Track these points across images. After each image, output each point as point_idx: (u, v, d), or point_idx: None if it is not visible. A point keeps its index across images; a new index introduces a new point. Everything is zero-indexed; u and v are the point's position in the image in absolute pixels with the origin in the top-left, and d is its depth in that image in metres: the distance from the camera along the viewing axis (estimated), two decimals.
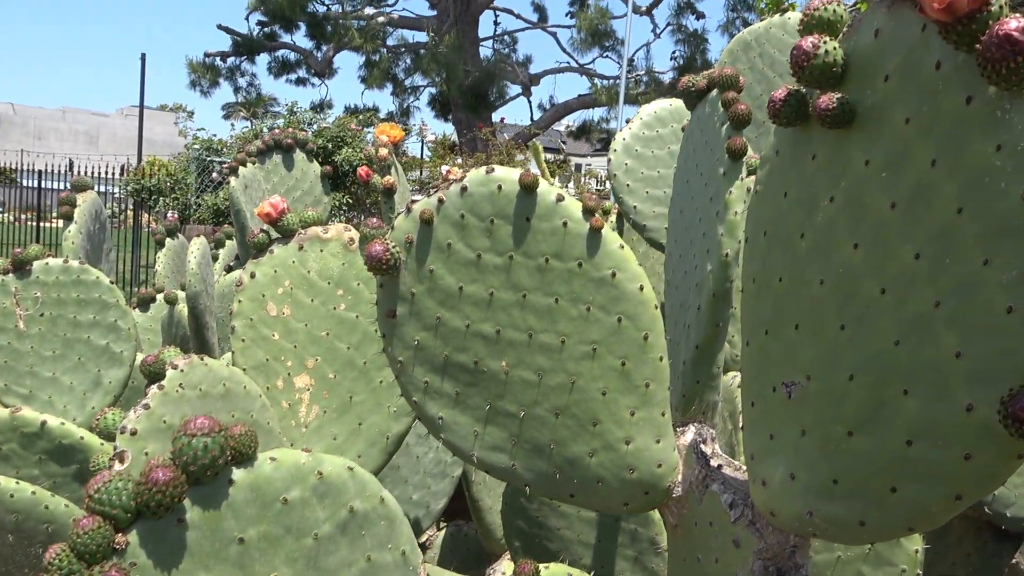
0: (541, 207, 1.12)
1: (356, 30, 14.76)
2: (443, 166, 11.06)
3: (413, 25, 17.68)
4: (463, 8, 16.48)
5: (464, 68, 15.03)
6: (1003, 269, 0.68)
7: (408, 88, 17.06)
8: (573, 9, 17.11)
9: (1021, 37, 0.62)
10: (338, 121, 10.45)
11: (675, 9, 15.74)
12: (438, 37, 15.17)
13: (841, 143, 0.86)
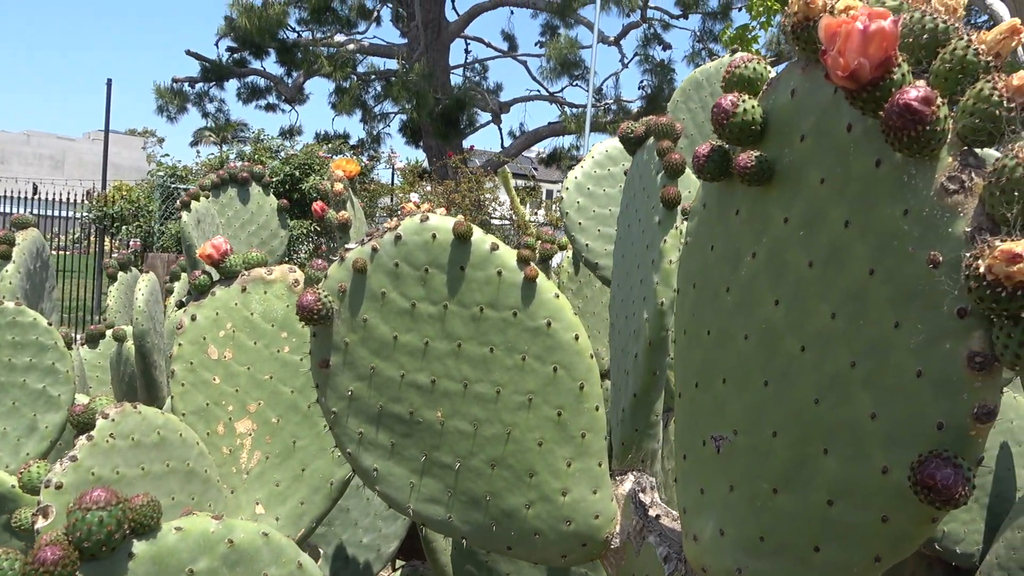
0: (475, 256, 1.11)
1: (326, 57, 14.77)
2: (412, 193, 11.04)
3: (384, 53, 17.75)
4: (434, 36, 16.60)
5: (435, 95, 15.10)
6: (912, 333, 0.69)
7: (378, 115, 17.08)
8: (543, 39, 17.33)
9: (920, 107, 0.62)
10: (306, 148, 10.39)
11: (642, 40, 16.04)
12: (409, 65, 15.24)
13: (762, 199, 0.86)
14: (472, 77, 18.90)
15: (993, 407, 0.64)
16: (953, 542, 1.94)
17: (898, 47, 0.70)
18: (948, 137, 0.66)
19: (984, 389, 0.64)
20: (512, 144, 17.72)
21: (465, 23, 17.69)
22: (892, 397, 0.71)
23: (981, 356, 0.63)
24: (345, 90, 16.49)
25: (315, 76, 16.92)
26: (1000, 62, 0.65)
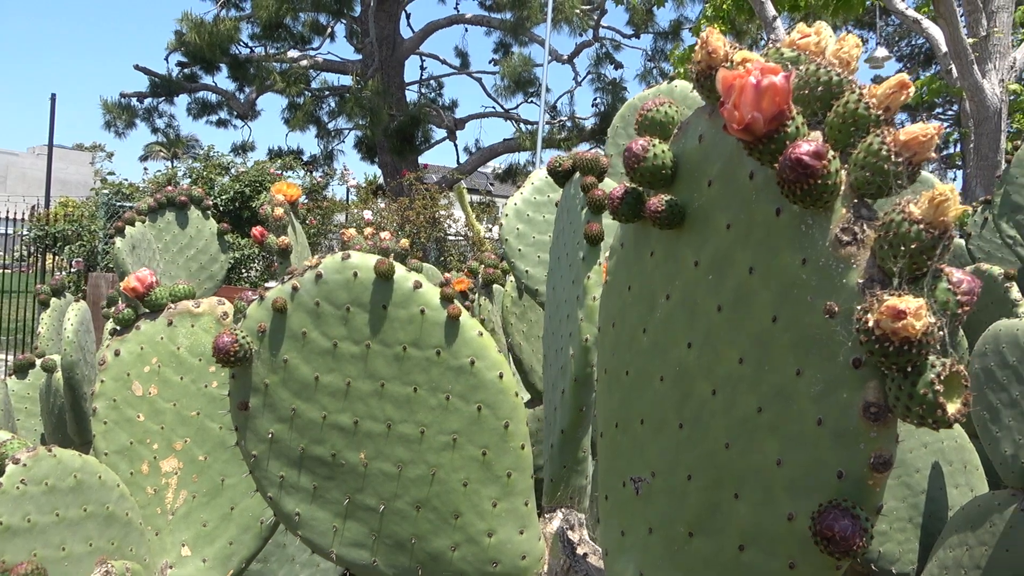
0: (398, 294, 1.09)
1: (279, 73, 14.61)
2: (365, 211, 10.94)
3: (338, 69, 17.65)
4: (388, 53, 16.56)
5: (389, 112, 15.05)
6: (812, 381, 0.69)
7: (332, 131, 16.94)
8: (497, 56, 17.44)
9: (811, 161, 0.63)
10: (257, 165, 10.23)
11: (595, 59, 16.25)
12: (363, 81, 15.17)
13: (675, 242, 0.86)
14: (427, 93, 18.91)
15: (889, 457, 0.64)
16: (889, 562, 1.97)
17: (794, 99, 0.71)
18: (842, 189, 0.67)
19: (880, 439, 0.64)
20: (468, 160, 17.74)
21: (420, 40, 17.70)
22: (796, 444, 0.71)
23: (876, 407, 0.64)
24: (299, 106, 16.33)
25: (268, 92, 16.72)
26: (890, 115, 0.66)
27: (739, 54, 0.70)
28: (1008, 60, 8.22)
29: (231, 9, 16.52)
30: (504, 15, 15.45)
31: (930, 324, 0.58)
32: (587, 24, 14.96)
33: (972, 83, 7.52)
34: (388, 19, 16.54)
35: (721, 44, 0.75)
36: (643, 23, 15.57)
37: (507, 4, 14.71)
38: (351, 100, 14.35)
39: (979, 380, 1.87)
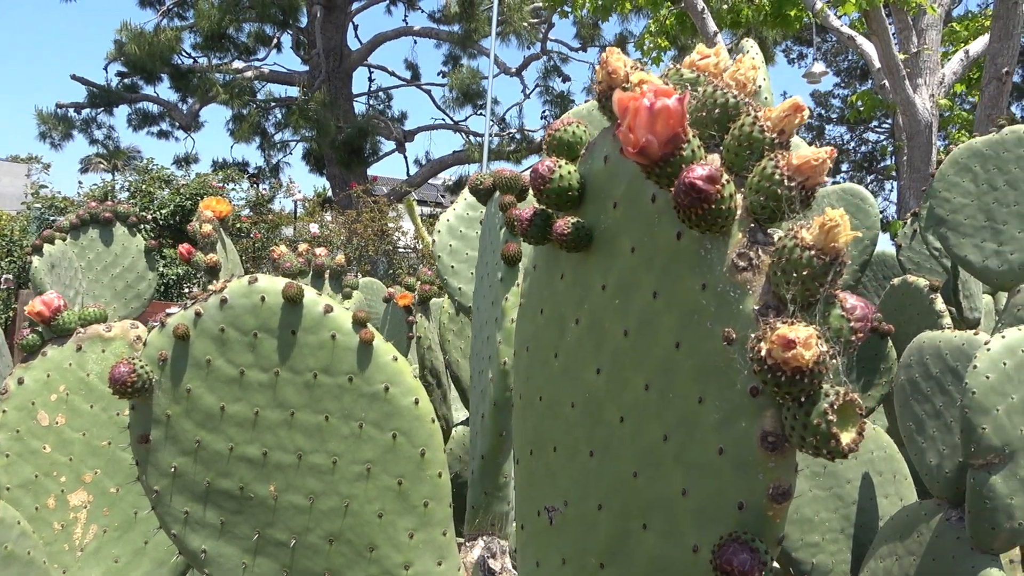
0: (308, 319, 1.05)
1: (221, 85, 14.31)
2: (311, 224, 10.77)
3: (284, 80, 17.39)
4: (336, 64, 16.39)
5: (337, 124, 14.87)
6: (713, 410, 0.67)
7: (278, 143, 16.66)
8: (446, 69, 17.42)
9: (705, 186, 0.62)
10: (199, 178, 9.98)
11: (543, 72, 16.37)
12: (309, 93, 14.98)
13: (583, 265, 0.84)
14: (376, 105, 18.76)
15: (788, 487, 0.63)
16: (822, 573, 1.99)
17: (692, 121, 0.70)
18: (738, 213, 0.66)
19: (778, 469, 0.63)
20: (418, 172, 17.64)
21: (368, 51, 17.57)
22: (699, 474, 0.69)
23: (773, 436, 0.62)
24: (243, 117, 16.02)
25: (212, 103, 16.38)
26: (785, 138, 0.65)
27: (636, 75, 0.69)
28: (937, 76, 8.54)
29: (173, 19, 16.17)
30: (453, 27, 15.46)
31: (821, 353, 0.57)
32: (535, 37, 15.07)
33: (904, 98, 7.79)
34: (335, 30, 16.38)
35: (621, 65, 0.74)
36: (590, 36, 15.75)
37: (455, 17, 14.71)
38: (297, 112, 14.14)
39: (905, 392, 1.91)
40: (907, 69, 8.02)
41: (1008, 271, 2.16)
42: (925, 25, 8.53)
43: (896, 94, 7.81)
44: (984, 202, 2.24)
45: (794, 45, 20.38)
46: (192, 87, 16.17)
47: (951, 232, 2.29)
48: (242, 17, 14.72)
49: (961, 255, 2.27)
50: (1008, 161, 2.21)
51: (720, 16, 9.39)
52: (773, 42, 15.80)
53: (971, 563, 1.65)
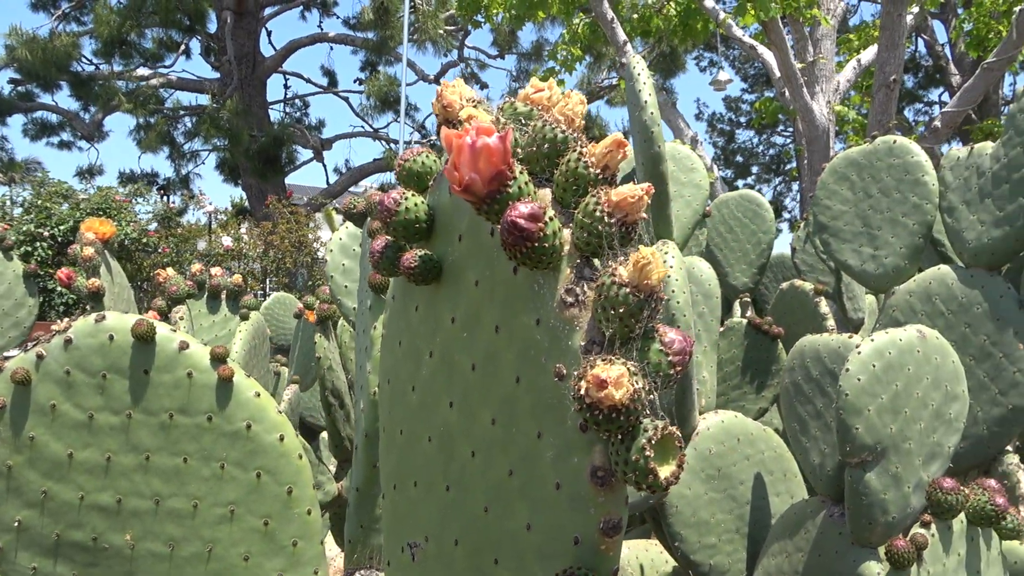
0: (161, 358, 1.00)
1: (124, 93, 13.71)
2: (224, 236, 10.44)
3: (194, 87, 16.81)
4: (248, 71, 15.96)
5: (250, 133, 14.46)
6: (550, 445, 0.67)
7: (188, 153, 16.08)
8: (364, 75, 17.21)
9: (527, 224, 0.62)
10: (100, 192, 9.52)
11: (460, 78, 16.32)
12: (220, 100, 14.52)
13: (435, 297, 0.83)
14: (293, 113, 18.36)
15: (618, 521, 0.63)
16: (719, 573, 2.04)
17: (525, 156, 0.70)
18: (567, 249, 0.66)
19: (608, 503, 0.63)
20: (338, 180, 17.34)
21: (283, 58, 17.18)
22: (541, 509, 0.69)
23: (602, 471, 0.63)
24: (150, 126, 15.40)
25: (115, 112, 15.67)
26: (609, 174, 0.66)
27: (465, 111, 0.68)
28: (833, 83, 8.97)
29: (69, 23, 15.40)
30: (368, 34, 15.28)
31: (635, 391, 0.57)
32: (451, 44, 15.06)
33: (802, 104, 8.14)
34: (247, 36, 15.94)
35: (457, 98, 0.73)
36: (507, 44, 15.85)
37: (371, 24, 14.55)
38: (207, 120, 13.68)
39: (789, 394, 1.98)
40: (804, 77, 8.39)
41: (883, 274, 2.27)
42: (820, 35, 8.94)
43: (795, 101, 8.15)
44: (861, 209, 2.36)
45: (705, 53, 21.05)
46: (94, 95, 15.45)
47: (832, 238, 2.40)
48: (145, 22, 14.14)
49: (841, 259, 2.37)
50: (880, 170, 2.33)
51: (631, 26, 9.60)
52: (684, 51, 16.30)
53: (852, 557, 1.72)
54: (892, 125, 8.28)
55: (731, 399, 2.58)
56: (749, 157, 22.47)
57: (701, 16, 9.43)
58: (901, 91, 21.63)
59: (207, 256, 10.43)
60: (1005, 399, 2.03)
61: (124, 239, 8.98)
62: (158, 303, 2.25)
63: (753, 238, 3.46)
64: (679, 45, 12.36)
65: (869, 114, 8.23)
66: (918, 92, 20.74)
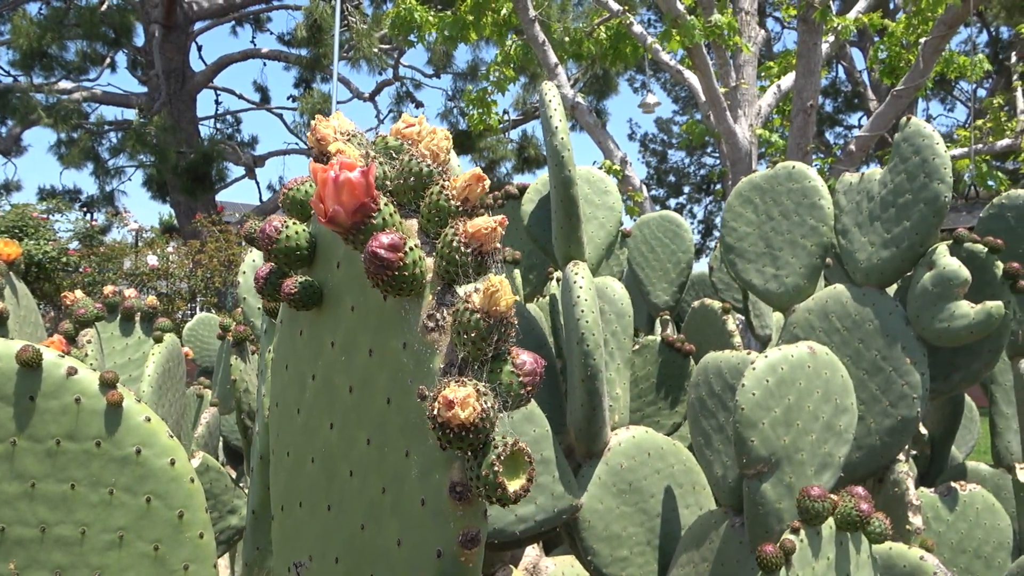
0: (48, 383, 1.00)
1: (44, 108, 13.22)
2: (150, 255, 10.13)
3: (120, 102, 16.32)
4: (178, 86, 15.60)
5: (179, 149, 14.12)
6: (416, 463, 0.71)
7: (113, 169, 15.57)
8: (298, 92, 17.03)
9: (387, 255, 0.65)
10: (16, 209, 9.14)
11: (395, 97, 16.38)
12: (147, 116, 14.14)
13: (316, 322, 0.86)
14: (224, 129, 18.01)
15: (476, 533, 0.67)
16: None
17: (395, 188, 0.74)
18: (429, 276, 0.70)
19: (467, 517, 0.67)
20: (271, 198, 17.05)
21: (213, 73, 16.86)
22: (409, 525, 0.73)
23: (460, 486, 0.66)
24: (73, 141, 14.86)
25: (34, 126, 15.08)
26: (469, 206, 0.71)
27: (334, 145, 0.72)
28: (755, 108, 9.34)
29: None
30: (302, 51, 15.15)
31: (482, 410, 0.61)
32: (386, 63, 15.06)
33: (726, 128, 8.45)
34: (176, 51, 15.60)
35: (330, 132, 0.77)
36: (442, 63, 15.95)
37: (304, 41, 14.44)
38: (133, 136, 13.29)
39: (694, 409, 2.07)
40: (728, 101, 8.71)
41: (784, 293, 2.40)
42: (743, 62, 9.31)
43: (719, 124, 8.46)
44: (763, 231, 2.48)
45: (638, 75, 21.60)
46: (11, 108, 14.82)
47: (738, 258, 2.51)
48: (67, 34, 13.68)
49: (746, 279, 2.49)
50: (781, 194, 2.46)
51: (563, 48, 9.80)
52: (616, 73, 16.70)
53: (751, 565, 1.80)
54: (810, 148, 8.68)
55: (646, 415, 2.66)
56: (681, 177, 23.09)
57: (631, 40, 9.71)
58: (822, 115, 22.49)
59: (132, 275, 10.10)
60: (895, 410, 2.16)
61: (42, 258, 8.63)
62: (65, 326, 2.19)
63: (673, 257, 3.58)
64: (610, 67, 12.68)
65: (788, 138, 8.61)
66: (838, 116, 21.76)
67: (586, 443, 2.13)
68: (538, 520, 1.96)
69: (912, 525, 2.05)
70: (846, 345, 2.26)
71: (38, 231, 8.91)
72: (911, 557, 1.73)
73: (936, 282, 2.10)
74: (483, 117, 9.67)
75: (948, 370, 2.34)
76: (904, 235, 2.18)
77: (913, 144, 2.19)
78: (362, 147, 0.76)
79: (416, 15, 8.62)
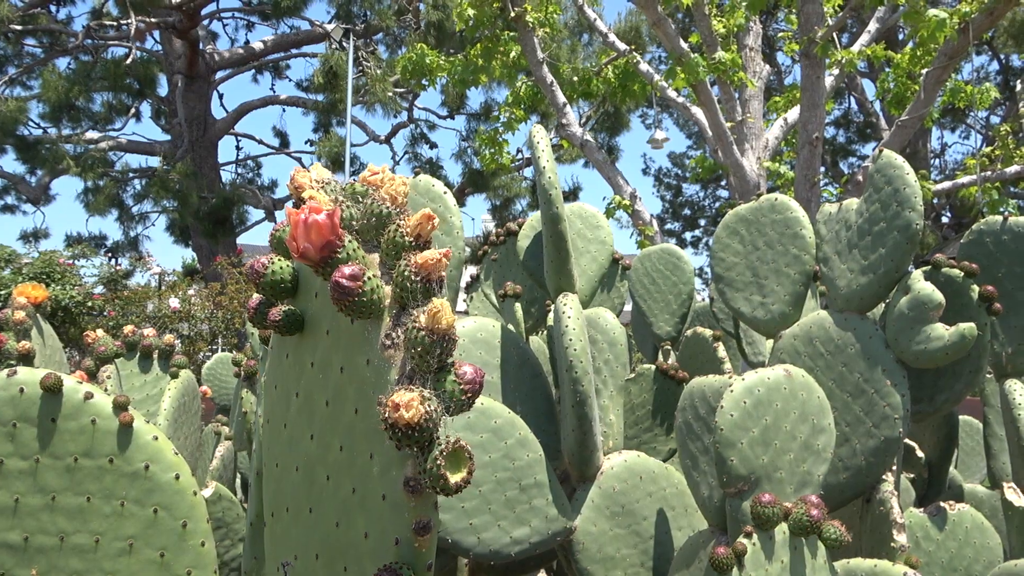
0: (67, 407, 1.12)
1: (72, 157, 13.70)
2: (172, 298, 10.37)
3: (144, 150, 16.85)
4: (199, 133, 16.08)
5: (200, 195, 14.51)
6: (378, 463, 0.82)
7: (137, 215, 16.02)
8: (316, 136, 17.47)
9: (348, 284, 0.77)
10: (44, 256, 9.46)
11: (410, 139, 16.77)
12: (170, 163, 14.58)
13: (299, 346, 0.98)
14: (244, 174, 18.48)
15: (428, 522, 0.78)
16: None
17: (360, 227, 0.86)
18: (387, 301, 0.82)
19: (419, 508, 0.78)
20: None
21: (234, 120, 17.37)
22: (373, 518, 0.83)
23: (413, 480, 0.77)
24: (99, 189, 15.32)
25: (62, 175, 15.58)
26: (422, 240, 0.83)
27: (307, 192, 0.85)
28: (762, 141, 9.49)
29: (16, 88, 15.40)
30: (319, 97, 15.60)
31: (425, 412, 0.73)
32: (399, 106, 15.45)
33: (733, 161, 8.58)
34: (198, 99, 16.12)
35: (307, 180, 0.90)
36: (456, 105, 16.33)
37: (321, 87, 14.88)
38: (157, 182, 13.70)
39: (682, 432, 2.15)
40: (735, 135, 8.87)
41: (771, 320, 2.49)
42: (748, 96, 9.49)
43: (726, 158, 8.59)
44: (750, 260, 2.58)
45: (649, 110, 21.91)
46: (40, 159, 15.35)
47: (727, 287, 2.61)
48: (94, 87, 14.22)
49: (735, 307, 2.58)
50: (765, 225, 2.57)
51: (572, 88, 10.03)
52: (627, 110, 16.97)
53: None
54: (817, 180, 8.77)
55: (643, 441, 2.73)
56: (696, 210, 23.24)
57: (638, 78, 9.93)
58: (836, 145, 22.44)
59: (154, 318, 10.35)
60: (878, 431, 2.23)
61: (68, 302, 8.89)
62: (86, 363, 2.34)
63: (674, 289, 3.67)
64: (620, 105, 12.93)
65: (796, 170, 8.72)
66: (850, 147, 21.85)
67: (579, 467, 2.22)
68: (532, 542, 2.04)
69: (897, 543, 2.10)
70: (830, 369, 2.34)
71: (64, 276, 9.18)
72: (895, 573, 1.80)
73: (912, 306, 2.19)
74: (495, 156, 9.89)
75: (932, 392, 2.41)
76: (880, 262, 2.27)
77: (885, 175, 2.29)
78: (333, 193, 0.89)
79: (427, 60, 8.91)
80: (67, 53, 15.28)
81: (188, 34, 14.65)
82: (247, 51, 17.09)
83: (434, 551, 0.80)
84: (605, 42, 10.07)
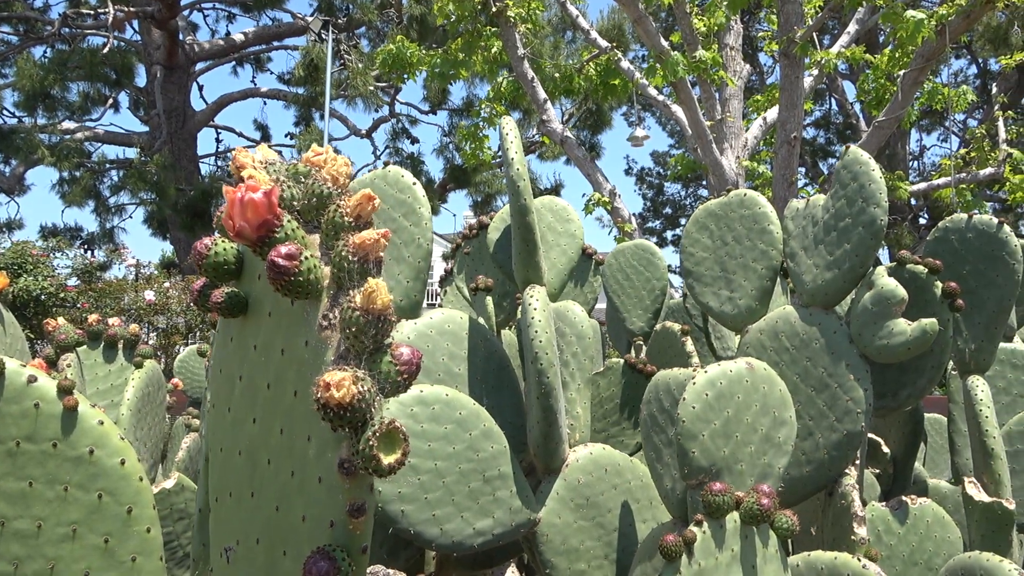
0: (10, 390, 1.10)
1: (47, 147, 13.49)
2: (147, 291, 10.26)
3: (122, 141, 16.66)
4: (178, 125, 15.92)
5: (179, 187, 14.36)
6: (315, 445, 0.81)
7: (114, 207, 15.82)
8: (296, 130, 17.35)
9: (284, 263, 0.77)
10: (16, 246, 9.31)
11: (392, 134, 16.69)
12: (148, 154, 14.41)
13: (243, 328, 0.97)
14: (224, 166, 18.29)
15: (362, 504, 0.77)
16: None
17: (302, 207, 0.85)
18: (326, 282, 0.81)
19: (353, 490, 0.77)
20: None
21: (214, 112, 17.21)
22: (310, 501, 0.82)
23: (348, 462, 0.76)
24: (75, 180, 15.11)
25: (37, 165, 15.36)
26: (362, 221, 0.82)
27: (246, 171, 0.83)
28: (741, 140, 9.55)
29: None
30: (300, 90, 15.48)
31: (357, 392, 0.72)
32: (381, 100, 15.37)
33: (712, 160, 8.63)
34: (177, 90, 15.95)
35: (249, 161, 0.88)
36: (437, 100, 16.27)
37: (302, 80, 14.77)
38: (134, 174, 13.54)
39: (647, 425, 2.16)
40: (714, 134, 8.92)
41: (738, 315, 2.50)
42: (728, 95, 9.55)
43: (705, 156, 8.64)
44: (719, 255, 2.59)
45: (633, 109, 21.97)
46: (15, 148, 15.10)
47: (696, 282, 2.62)
48: (70, 76, 14.01)
49: (704, 302, 2.60)
50: (734, 220, 2.58)
51: (553, 84, 10.04)
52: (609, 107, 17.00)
53: None
54: (795, 179, 8.85)
55: (611, 435, 2.74)
56: (677, 209, 23.36)
57: (620, 76, 9.95)
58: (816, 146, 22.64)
59: (129, 311, 10.22)
60: (841, 425, 2.25)
61: (40, 294, 8.77)
62: (46, 351, 2.30)
63: (648, 284, 3.68)
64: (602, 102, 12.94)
65: (774, 169, 8.78)
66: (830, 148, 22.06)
67: (544, 459, 2.22)
68: (496, 533, 2.04)
69: (857, 535, 2.13)
70: (795, 363, 2.36)
71: (37, 268, 9.05)
72: (854, 565, 1.82)
73: (875, 301, 2.21)
74: (476, 152, 9.88)
75: (896, 387, 2.43)
76: (845, 257, 2.29)
77: (851, 171, 2.31)
78: (275, 173, 0.88)
79: (408, 53, 8.88)
80: (43, 41, 15.06)
81: (167, 24, 14.48)
82: (228, 43, 16.93)
83: (370, 533, 0.79)
84: (587, 39, 10.08)
